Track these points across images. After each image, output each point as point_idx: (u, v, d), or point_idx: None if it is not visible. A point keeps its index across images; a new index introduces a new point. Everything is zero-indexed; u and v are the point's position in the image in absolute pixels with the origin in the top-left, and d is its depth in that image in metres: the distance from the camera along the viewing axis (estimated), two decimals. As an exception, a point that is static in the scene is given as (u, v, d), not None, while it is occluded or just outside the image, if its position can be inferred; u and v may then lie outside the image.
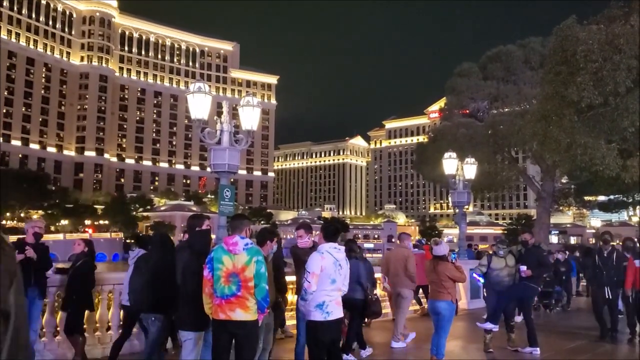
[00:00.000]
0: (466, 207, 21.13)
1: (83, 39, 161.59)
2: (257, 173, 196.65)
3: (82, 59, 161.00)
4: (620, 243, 14.57)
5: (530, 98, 33.79)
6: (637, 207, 46.92)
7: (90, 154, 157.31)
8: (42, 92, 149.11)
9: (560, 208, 58.90)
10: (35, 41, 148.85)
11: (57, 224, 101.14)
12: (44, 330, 8.90)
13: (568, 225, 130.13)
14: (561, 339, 12.44)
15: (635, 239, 13.81)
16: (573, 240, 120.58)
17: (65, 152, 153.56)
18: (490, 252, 11.42)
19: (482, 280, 11.39)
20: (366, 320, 13.47)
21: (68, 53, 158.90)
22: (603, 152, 22.43)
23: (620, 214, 73.32)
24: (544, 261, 11.04)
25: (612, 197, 47.43)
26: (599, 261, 12.05)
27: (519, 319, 12.09)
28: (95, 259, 9.20)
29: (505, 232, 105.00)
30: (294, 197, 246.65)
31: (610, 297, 11.98)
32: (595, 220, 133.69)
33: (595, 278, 12.40)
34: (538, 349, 10.42)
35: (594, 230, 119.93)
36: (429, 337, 9.32)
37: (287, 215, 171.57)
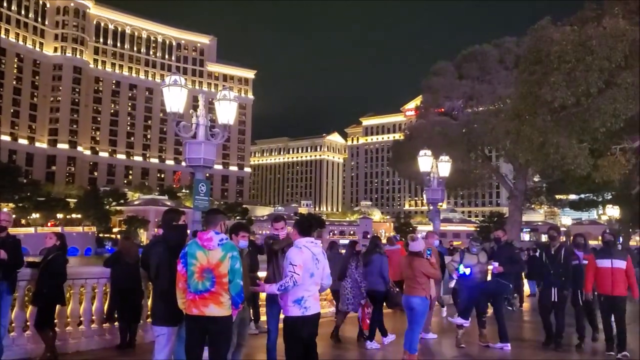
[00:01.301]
0: (440, 204, 21.34)
1: (57, 29, 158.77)
2: (233, 168, 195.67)
3: (55, 49, 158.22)
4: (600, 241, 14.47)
5: (504, 97, 34.22)
6: (607, 205, 47.72)
7: (63, 146, 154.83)
8: (14, 83, 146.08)
9: (532, 206, 59.93)
10: (7, 30, 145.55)
11: (28, 217, 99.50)
12: (13, 325, 8.74)
13: (539, 223, 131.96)
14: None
15: (585, 236, 12.57)
16: (544, 237, 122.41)
17: (38, 144, 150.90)
18: (463, 249, 11.59)
19: (455, 277, 11.48)
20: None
21: (41, 43, 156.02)
22: (575, 152, 22.82)
23: (590, 212, 74.49)
24: (515, 258, 11.19)
25: (582, 196, 48.23)
26: (545, 259, 10.82)
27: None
28: (67, 252, 9.09)
29: (478, 229, 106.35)
30: (270, 193, 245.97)
31: (557, 298, 10.65)
32: (566, 219, 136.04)
33: (541, 277, 11.31)
34: (509, 344, 10.58)
35: (564, 229, 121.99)
36: (402, 332, 9.41)
37: (263, 211, 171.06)
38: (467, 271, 10.76)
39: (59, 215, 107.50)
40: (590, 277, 10.44)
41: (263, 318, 11.75)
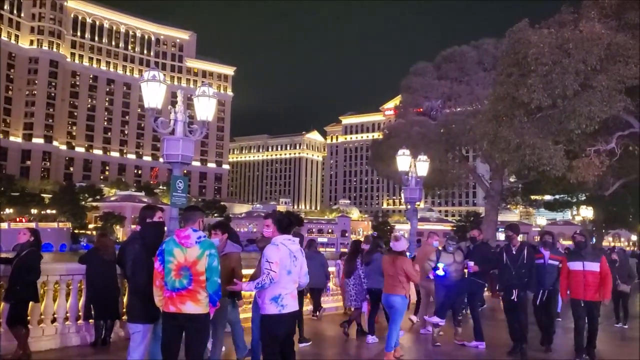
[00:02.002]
0: (418, 203, 21.50)
1: (33, 22, 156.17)
2: (212, 165, 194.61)
3: (31, 42, 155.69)
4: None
5: (482, 98, 34.54)
6: (581, 206, 48.50)
7: (38, 141, 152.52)
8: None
9: (508, 206, 60.58)
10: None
11: (1, 212, 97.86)
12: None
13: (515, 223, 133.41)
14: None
15: (553, 235, 11.94)
16: (519, 237, 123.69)
17: (12, 138, 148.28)
18: (440, 248, 11.70)
19: (431, 276, 11.57)
20: (317, 313, 13.63)
21: (17, 36, 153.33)
22: (550, 153, 23.07)
23: (564, 213, 75.67)
24: (491, 257, 11.29)
25: (557, 196, 48.89)
26: (506, 259, 10.07)
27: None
28: (41, 248, 8.96)
29: (455, 228, 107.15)
30: (249, 190, 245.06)
31: (517, 299, 9.91)
32: (541, 219, 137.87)
33: (502, 279, 10.41)
34: (484, 343, 10.70)
35: (539, 229, 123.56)
36: (382, 330, 9.49)
37: (241, 209, 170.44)
38: (442, 272, 10.88)
39: (34, 211, 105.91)
40: (563, 281, 10.00)
41: (243, 316, 11.76)
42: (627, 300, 14.83)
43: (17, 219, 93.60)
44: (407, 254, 9.50)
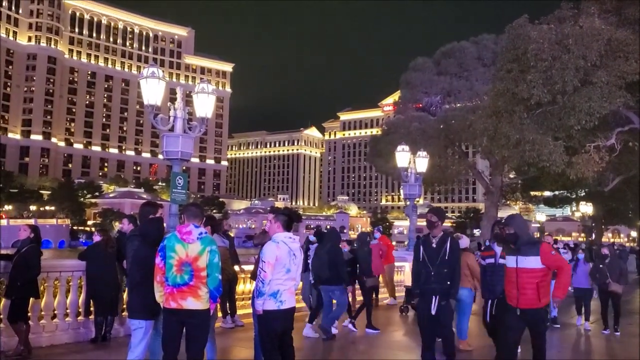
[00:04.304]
0: (417, 199, 21.47)
1: (31, 18, 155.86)
2: (210, 161, 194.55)
3: (29, 39, 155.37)
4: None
5: (481, 94, 34.46)
6: (580, 202, 48.57)
7: (36, 137, 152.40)
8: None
9: (508, 202, 60.57)
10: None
11: (1, 209, 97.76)
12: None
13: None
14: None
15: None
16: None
17: (10, 135, 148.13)
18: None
19: None
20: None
21: (15, 32, 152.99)
22: (550, 149, 23.05)
23: (564, 209, 75.80)
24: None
25: (557, 192, 48.98)
26: (423, 254, 7.65)
27: None
28: (41, 245, 8.96)
29: (454, 225, 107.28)
30: (247, 187, 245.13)
31: (437, 310, 7.39)
32: (541, 215, 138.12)
33: (417, 280, 7.73)
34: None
35: (538, 225, 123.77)
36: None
37: (239, 205, 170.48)
38: None
39: (33, 207, 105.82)
40: (507, 284, 7.06)
41: (239, 312, 11.76)
42: (619, 303, 12.90)
43: (2, 215, 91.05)
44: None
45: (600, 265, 12.85)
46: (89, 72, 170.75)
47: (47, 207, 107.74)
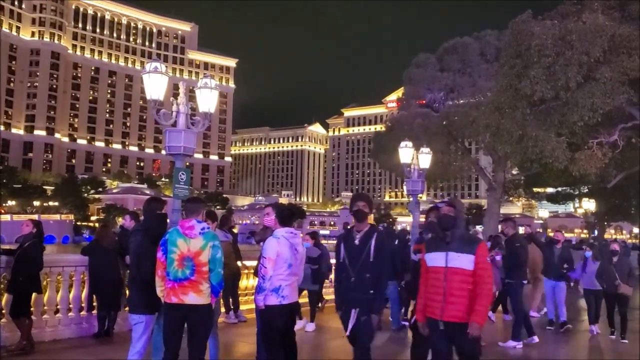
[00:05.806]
0: (420, 195, 21.44)
1: (34, 13, 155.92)
2: (214, 157, 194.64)
3: (33, 34, 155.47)
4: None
5: (484, 90, 34.39)
6: (583, 199, 48.43)
7: (40, 133, 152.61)
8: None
9: (510, 199, 60.62)
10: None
11: (4, 204, 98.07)
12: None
13: (517, 216, 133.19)
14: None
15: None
16: (521, 229, 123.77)
17: (14, 130, 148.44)
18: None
19: None
20: (319, 305, 13.67)
21: (18, 28, 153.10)
22: (553, 145, 23.01)
23: (567, 205, 75.59)
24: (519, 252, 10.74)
25: (559, 189, 48.86)
26: (344, 255, 6.02)
27: None
28: (43, 240, 8.99)
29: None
30: (251, 183, 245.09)
31: (356, 324, 5.86)
32: (543, 211, 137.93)
33: (338, 289, 6.27)
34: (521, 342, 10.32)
35: (541, 221, 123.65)
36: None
37: (243, 201, 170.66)
38: None
39: (36, 203, 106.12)
40: (421, 285, 5.69)
41: (243, 307, 11.81)
42: (626, 307, 11.64)
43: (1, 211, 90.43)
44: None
45: (608, 265, 11.56)
46: (93, 68, 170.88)
47: (51, 203, 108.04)
